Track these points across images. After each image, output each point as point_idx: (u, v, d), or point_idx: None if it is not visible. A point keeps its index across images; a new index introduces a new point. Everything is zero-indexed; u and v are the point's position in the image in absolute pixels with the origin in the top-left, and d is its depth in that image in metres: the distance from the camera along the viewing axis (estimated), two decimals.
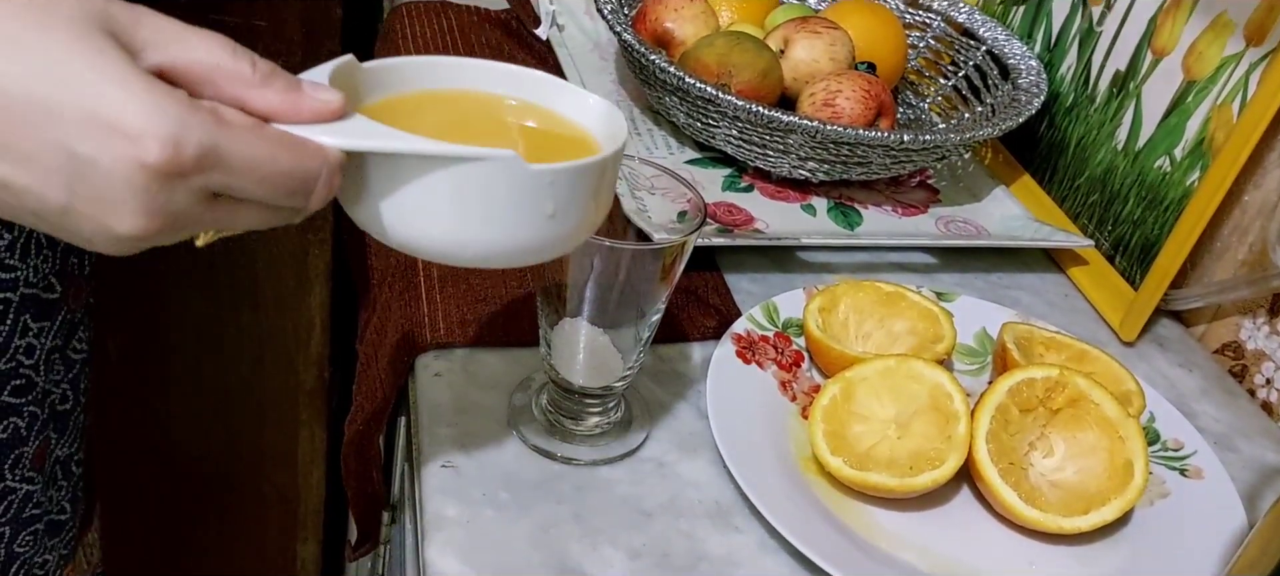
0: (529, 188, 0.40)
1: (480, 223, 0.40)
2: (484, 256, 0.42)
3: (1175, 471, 0.62)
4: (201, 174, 0.35)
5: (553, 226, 0.42)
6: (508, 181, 0.40)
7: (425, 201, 0.40)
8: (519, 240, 0.42)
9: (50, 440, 0.68)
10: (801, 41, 0.83)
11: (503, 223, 0.41)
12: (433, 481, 0.54)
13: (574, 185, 0.41)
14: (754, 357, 0.63)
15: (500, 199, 0.40)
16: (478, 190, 0.39)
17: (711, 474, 0.57)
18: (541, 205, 0.41)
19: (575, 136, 0.47)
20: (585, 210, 0.43)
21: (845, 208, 0.80)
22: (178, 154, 0.34)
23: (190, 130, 0.34)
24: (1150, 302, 0.73)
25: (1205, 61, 0.73)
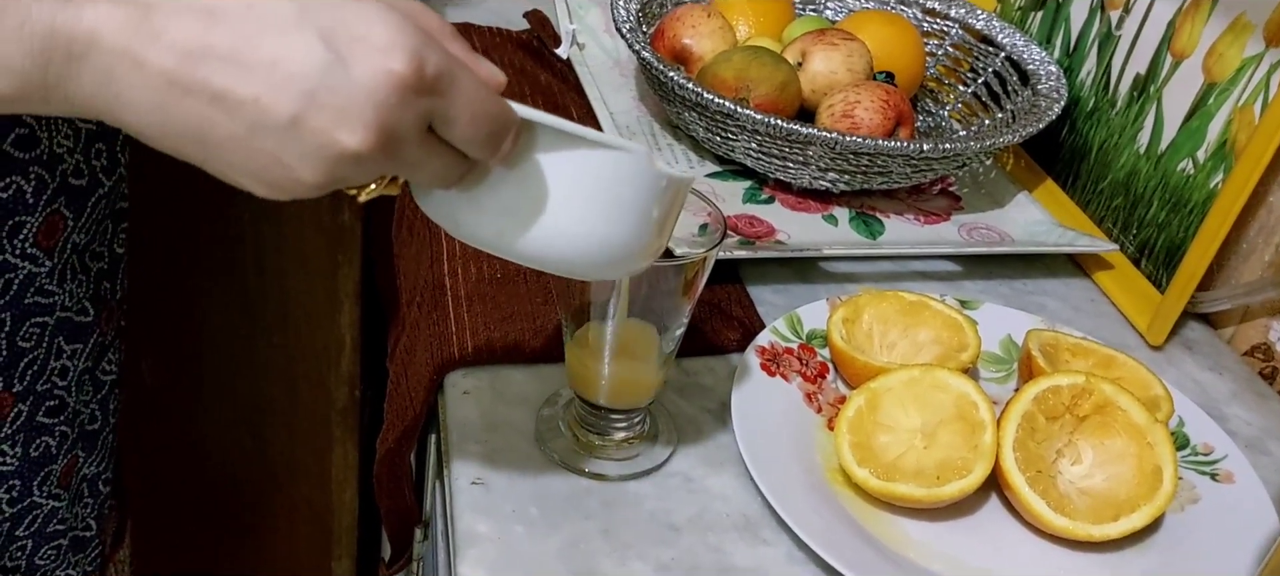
0: (651, 186, 0.43)
1: (603, 214, 0.43)
2: (597, 251, 0.44)
3: (1205, 476, 0.62)
4: (433, 96, 0.36)
5: (651, 234, 0.44)
6: (638, 176, 0.42)
7: (562, 187, 0.42)
8: (626, 238, 0.44)
9: (78, 458, 0.69)
10: (819, 54, 0.84)
11: (621, 218, 0.43)
12: (464, 498, 0.54)
13: (676, 195, 0.45)
14: (778, 370, 0.64)
15: (627, 192, 0.42)
16: (611, 180, 0.42)
17: (738, 487, 0.57)
18: (652, 207, 0.43)
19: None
20: (669, 224, 0.46)
21: (867, 217, 0.81)
22: (422, 69, 0.35)
23: (431, 50, 0.36)
24: (1177, 306, 0.73)
25: (1225, 63, 0.73)
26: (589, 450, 0.58)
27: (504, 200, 0.42)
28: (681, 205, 0.47)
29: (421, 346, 0.68)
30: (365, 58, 0.35)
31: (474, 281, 0.69)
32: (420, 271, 0.75)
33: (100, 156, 0.63)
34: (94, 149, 0.62)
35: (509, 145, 0.40)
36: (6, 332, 0.59)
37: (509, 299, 0.67)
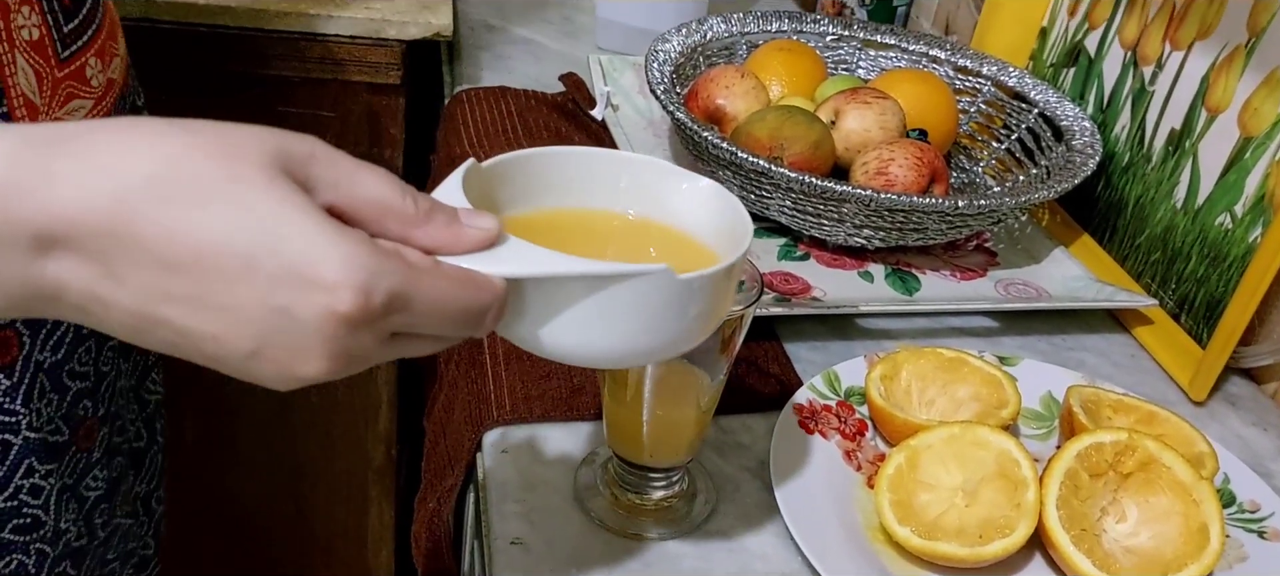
0: (680, 295, 0.42)
1: (636, 331, 0.43)
2: (638, 358, 0.46)
3: (1253, 534, 0.61)
4: (388, 318, 0.36)
5: (698, 324, 0.44)
6: (662, 292, 0.42)
7: (584, 317, 0.41)
8: (669, 341, 0.44)
9: (130, 477, 0.72)
10: (852, 112, 0.84)
11: (657, 329, 0.43)
12: (502, 559, 0.54)
13: (716, 287, 0.44)
14: (817, 427, 0.63)
15: (655, 309, 0.42)
16: (633, 303, 0.41)
17: (778, 546, 0.57)
18: (689, 308, 0.43)
19: (691, 246, 0.50)
20: (722, 303, 0.46)
21: (903, 273, 0.81)
22: (369, 302, 0.35)
23: (381, 277, 0.35)
24: (1219, 361, 0.72)
25: (1261, 117, 0.73)
26: (628, 510, 0.58)
27: (531, 321, 0.42)
28: (734, 283, 0.47)
29: (459, 405, 0.69)
30: (310, 301, 0.34)
31: None
32: None
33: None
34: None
35: (493, 319, 0.39)
36: (93, 358, 0.62)
37: None
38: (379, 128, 1.11)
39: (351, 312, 0.35)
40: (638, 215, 0.51)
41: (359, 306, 0.35)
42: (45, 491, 0.62)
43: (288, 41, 1.04)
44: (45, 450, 0.61)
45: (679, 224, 0.50)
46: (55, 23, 0.56)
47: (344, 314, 0.35)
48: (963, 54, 0.98)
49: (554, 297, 0.41)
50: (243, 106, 1.08)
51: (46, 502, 0.63)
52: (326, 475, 1.28)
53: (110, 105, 0.63)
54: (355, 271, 0.34)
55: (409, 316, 0.37)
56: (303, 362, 0.36)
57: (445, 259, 0.39)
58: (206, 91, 1.07)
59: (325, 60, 1.06)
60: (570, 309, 0.41)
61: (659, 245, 0.50)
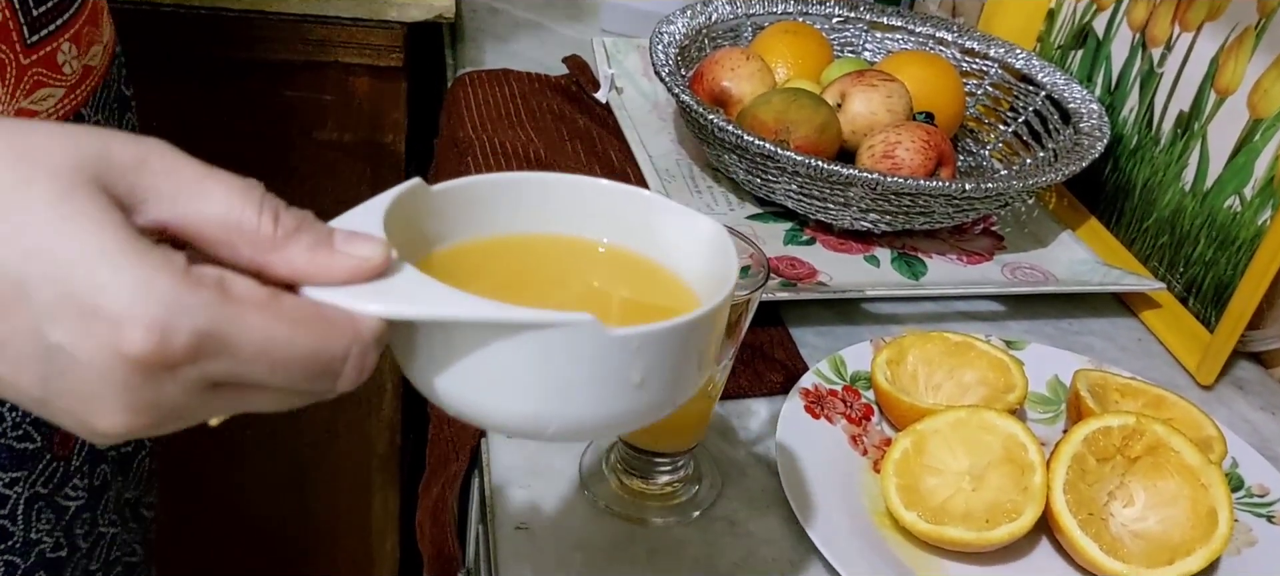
0: (610, 355, 0.34)
1: (554, 396, 0.35)
2: (562, 432, 0.36)
3: (1262, 518, 0.60)
4: (197, 364, 0.29)
5: (643, 396, 0.35)
6: (585, 349, 0.33)
7: (489, 371, 0.34)
8: (602, 414, 0.36)
9: (118, 483, 0.71)
10: (858, 95, 0.84)
11: (581, 396, 0.35)
12: (507, 545, 0.54)
13: (665, 349, 0.35)
14: (823, 412, 0.63)
15: (576, 369, 0.34)
16: (550, 359, 0.34)
17: (784, 531, 0.57)
18: (626, 374, 0.35)
19: (672, 287, 0.42)
20: (682, 373, 0.37)
21: (909, 257, 0.80)
22: (165, 343, 0.28)
23: (183, 313, 0.28)
24: (1227, 345, 0.72)
25: (1271, 99, 0.72)
26: (633, 495, 0.57)
27: (432, 372, 0.35)
28: (718, 331, 0.38)
29: None
30: (92, 339, 0.28)
31: None
32: None
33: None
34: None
35: (353, 371, 0.32)
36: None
37: None
38: (380, 111, 1.10)
39: (144, 355, 0.28)
40: (614, 245, 0.43)
41: (153, 348, 0.28)
42: (11, 499, 0.60)
43: (288, 24, 1.04)
44: (11, 456, 0.59)
45: (666, 261, 0.42)
46: (22, 5, 0.53)
47: (134, 356, 0.28)
48: (970, 36, 0.97)
49: (454, 346, 0.34)
50: (242, 91, 1.07)
51: (13, 511, 0.60)
52: (330, 462, 1.28)
53: (87, 94, 0.61)
54: (149, 305, 0.28)
55: (230, 363, 0.30)
56: (97, 414, 0.29)
57: (313, 292, 0.32)
58: (205, 76, 1.06)
59: (326, 43, 1.05)
60: (475, 362, 0.34)
61: (634, 283, 0.43)
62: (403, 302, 0.33)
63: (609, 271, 0.42)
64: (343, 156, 1.12)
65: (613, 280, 0.43)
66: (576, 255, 0.42)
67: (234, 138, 1.10)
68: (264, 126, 1.10)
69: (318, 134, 1.10)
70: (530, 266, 0.42)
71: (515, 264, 0.41)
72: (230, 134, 1.10)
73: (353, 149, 1.11)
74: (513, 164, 0.88)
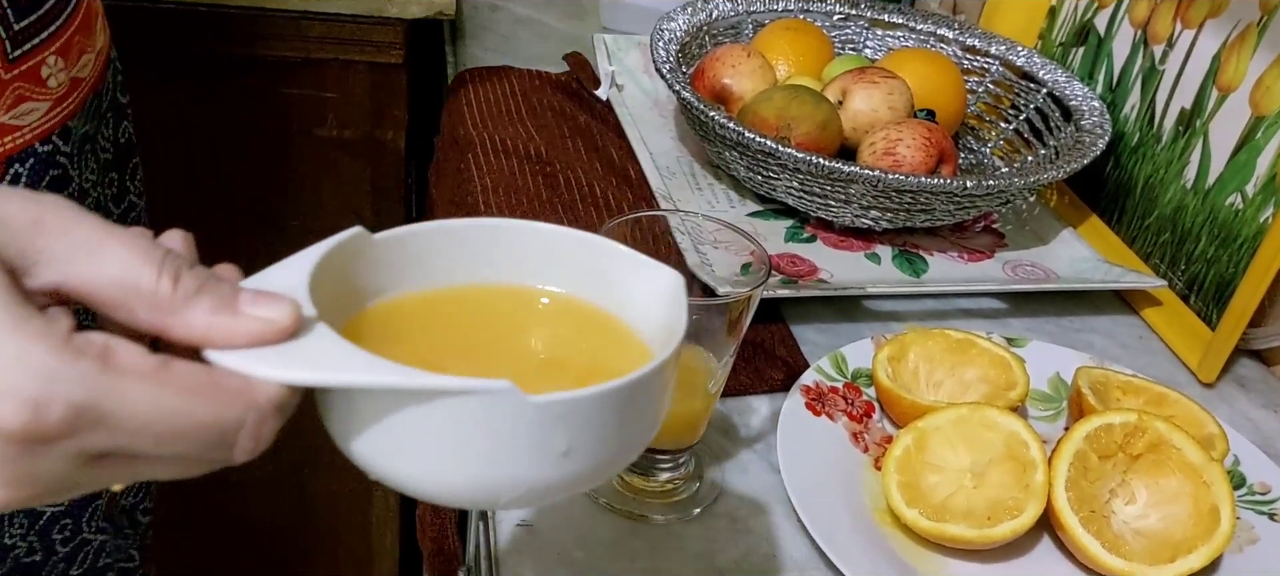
0: (531, 424, 0.32)
1: (471, 466, 0.33)
2: (483, 503, 0.35)
3: (1263, 516, 0.60)
4: (74, 437, 0.28)
5: (571, 464, 0.33)
6: (502, 417, 0.32)
7: (401, 439, 0.33)
8: (524, 484, 0.33)
9: (115, 490, 0.70)
10: (859, 92, 0.83)
11: (500, 465, 0.33)
12: (508, 541, 0.54)
13: (593, 416, 0.33)
14: (824, 409, 0.63)
15: (493, 438, 0.32)
16: (464, 428, 0.32)
17: (785, 528, 0.57)
18: (551, 443, 0.33)
19: (624, 341, 0.40)
20: (618, 437, 0.35)
21: (910, 255, 0.80)
22: (39, 418, 0.27)
23: (58, 386, 0.28)
24: (1229, 342, 0.72)
25: (1273, 97, 0.72)
26: (634, 492, 0.57)
27: (351, 438, 0.34)
28: (658, 393, 0.36)
29: None
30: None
31: None
32: None
33: (112, 186, 0.64)
34: (107, 178, 0.63)
35: (248, 441, 0.31)
36: None
37: None
38: (381, 108, 1.10)
39: (17, 430, 0.27)
40: (565, 294, 0.40)
41: (24, 422, 0.27)
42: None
43: (288, 20, 1.04)
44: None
45: (622, 313, 0.40)
46: (3, 19, 0.52)
47: (7, 431, 0.27)
48: (971, 33, 0.97)
49: (365, 412, 0.33)
50: (242, 88, 1.07)
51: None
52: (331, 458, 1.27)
53: (76, 105, 0.59)
54: (23, 378, 0.27)
55: (110, 435, 0.29)
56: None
57: (214, 355, 0.31)
58: (205, 74, 1.06)
59: (326, 39, 1.05)
60: (386, 429, 0.32)
61: (581, 338, 0.40)
62: (302, 368, 0.31)
63: (555, 325, 0.40)
64: (343, 153, 1.12)
65: (558, 334, 0.40)
66: (520, 307, 0.40)
67: (234, 135, 1.10)
68: (264, 123, 1.09)
69: (318, 131, 1.10)
70: (469, 321, 0.40)
71: (453, 318, 0.39)
72: (230, 131, 1.10)
73: (353, 146, 1.11)
74: (513, 161, 0.87)
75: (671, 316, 0.37)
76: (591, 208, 0.82)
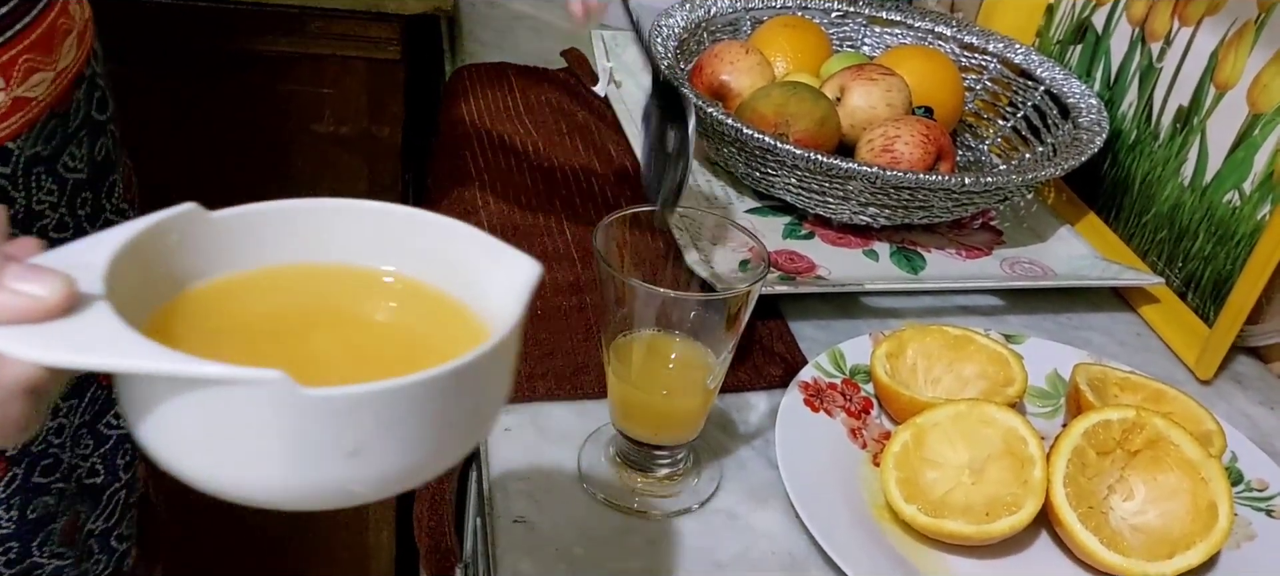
0: (311, 419, 0.29)
1: (246, 460, 0.31)
2: (270, 500, 0.32)
3: (1261, 512, 0.60)
4: None
5: (364, 466, 0.31)
6: (274, 410, 0.29)
7: (180, 429, 0.31)
8: (307, 484, 0.31)
9: (80, 514, 0.68)
10: (858, 89, 0.83)
11: (276, 461, 0.30)
12: (506, 537, 0.54)
13: (386, 415, 0.30)
14: (822, 405, 0.63)
15: (266, 432, 0.30)
16: (234, 419, 0.30)
17: (784, 523, 0.57)
18: (334, 440, 0.30)
19: (469, 332, 0.36)
20: (421, 442, 0.32)
21: (908, 252, 0.80)
22: None
23: None
24: (1226, 340, 0.72)
25: (1271, 94, 0.72)
26: (632, 487, 0.57)
27: (137, 426, 0.32)
28: (479, 389, 0.33)
29: None
30: None
31: None
32: None
33: (85, 205, 0.63)
34: (79, 198, 0.62)
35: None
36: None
37: (550, 335, 0.67)
38: (379, 104, 1.10)
39: None
40: (414, 278, 0.38)
41: None
42: None
43: (286, 16, 1.03)
44: None
45: (475, 304, 0.37)
46: None
47: None
48: (969, 31, 0.97)
49: (148, 399, 0.31)
50: (240, 83, 1.07)
51: None
52: None
53: (22, 126, 0.57)
54: None
55: None
56: None
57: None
58: (203, 70, 1.06)
59: (323, 36, 1.05)
60: (163, 416, 0.31)
61: (422, 325, 0.38)
62: (51, 348, 0.29)
63: (395, 312, 0.38)
64: (340, 149, 1.11)
65: (396, 322, 0.38)
66: (356, 290, 0.38)
67: (231, 130, 1.10)
68: (261, 118, 1.09)
69: (315, 126, 1.10)
70: (299, 302, 0.37)
71: (282, 300, 0.37)
72: (228, 126, 1.09)
73: (350, 141, 1.11)
74: (511, 157, 0.87)
75: (514, 309, 0.34)
76: (589, 204, 0.82)
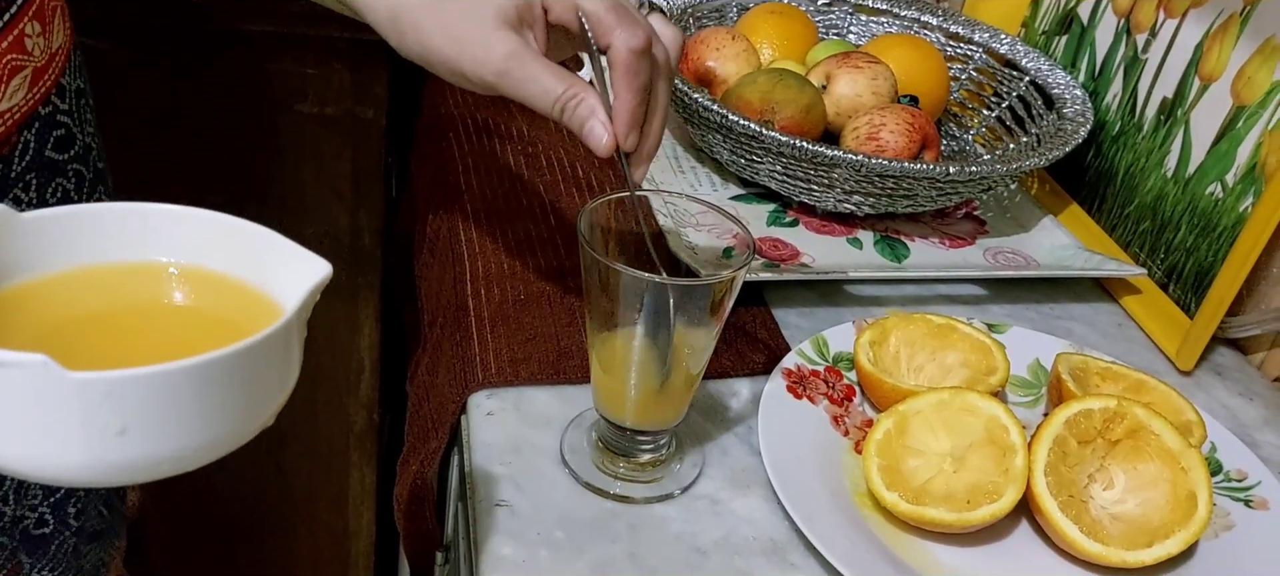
0: (73, 401, 0.32)
1: (21, 441, 0.33)
2: (53, 477, 0.34)
3: (1239, 502, 0.61)
4: None
5: (134, 446, 0.33)
6: (41, 393, 0.31)
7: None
8: (80, 464, 0.33)
9: (21, 564, 0.66)
10: (843, 77, 0.83)
11: (47, 442, 0.32)
12: (488, 521, 0.54)
13: (154, 396, 0.33)
14: (805, 392, 0.63)
15: (36, 414, 0.32)
16: (14, 403, 0.32)
17: (765, 510, 0.57)
18: (103, 421, 0.32)
19: (261, 313, 0.39)
20: (192, 423, 0.34)
21: (892, 241, 0.80)
22: None
23: None
24: (1207, 331, 0.72)
25: (1255, 86, 0.72)
26: (615, 472, 0.57)
27: None
28: (257, 371, 0.35)
29: (444, 368, 0.68)
30: None
31: (498, 303, 0.69)
32: (443, 293, 0.74)
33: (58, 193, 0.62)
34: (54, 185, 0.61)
35: None
36: None
37: (533, 320, 0.67)
38: (363, 86, 1.09)
39: None
40: (216, 271, 0.40)
41: None
42: None
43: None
44: None
45: (273, 291, 0.39)
46: None
47: None
48: (954, 20, 0.97)
49: None
50: (224, 64, 1.06)
51: None
52: (308, 438, 1.27)
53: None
54: None
55: None
56: None
57: None
58: (186, 50, 1.05)
59: (307, 16, 1.04)
60: None
61: (230, 307, 0.40)
62: None
63: (180, 290, 0.40)
64: (323, 130, 1.11)
65: (196, 314, 0.40)
66: (152, 286, 0.40)
67: (215, 110, 1.09)
68: (245, 99, 1.08)
69: (299, 107, 1.09)
70: (93, 300, 0.39)
71: (86, 297, 0.39)
72: (211, 106, 1.08)
73: (334, 123, 1.10)
74: (495, 141, 0.87)
75: (294, 303, 0.36)
76: (573, 188, 0.82)
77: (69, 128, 0.59)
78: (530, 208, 0.79)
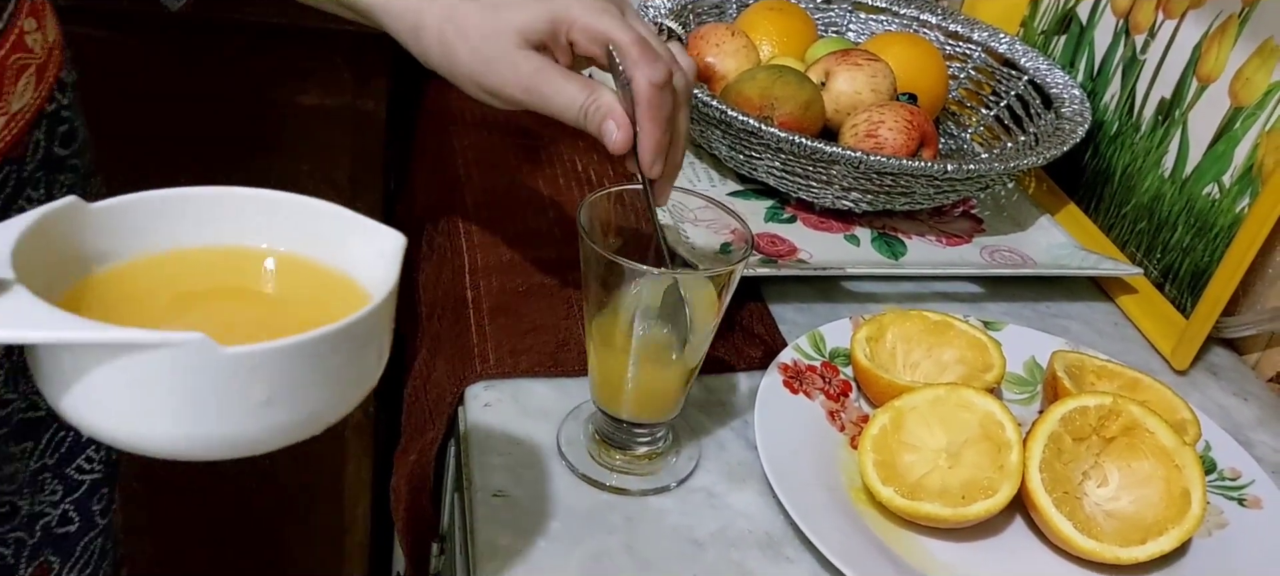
0: (226, 374, 0.34)
1: (172, 417, 0.34)
2: (192, 452, 0.36)
3: (1233, 501, 0.61)
4: None
5: (275, 413, 0.35)
6: (195, 369, 0.33)
7: (104, 394, 0.34)
8: (228, 434, 0.35)
9: (50, 564, 0.66)
10: (843, 73, 0.84)
11: (200, 416, 0.34)
12: (484, 511, 0.54)
13: (294, 365, 0.35)
14: (801, 387, 0.63)
15: (189, 389, 0.34)
16: (160, 381, 0.33)
17: (761, 504, 0.57)
18: (250, 392, 0.34)
19: (350, 296, 0.41)
20: (322, 388, 0.36)
21: (889, 238, 0.80)
22: None
23: None
24: (1202, 331, 0.73)
25: (1252, 88, 0.73)
26: (611, 464, 0.57)
27: (56, 393, 0.35)
28: (366, 341, 0.38)
29: (442, 359, 0.68)
30: None
31: (496, 294, 0.69)
32: (441, 285, 0.75)
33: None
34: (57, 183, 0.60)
35: None
36: None
37: (531, 312, 0.67)
38: (364, 77, 1.09)
39: None
40: (292, 253, 0.42)
41: None
42: None
43: None
44: None
45: (351, 272, 0.42)
46: None
47: None
48: (954, 19, 0.97)
49: (70, 370, 0.34)
50: (225, 55, 1.06)
51: None
52: None
53: None
54: None
55: None
56: None
57: None
58: (185, 40, 1.05)
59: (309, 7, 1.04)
60: (93, 385, 0.34)
61: (310, 290, 0.42)
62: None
63: (280, 283, 0.42)
64: (325, 122, 1.11)
65: (283, 291, 0.42)
66: (243, 267, 0.42)
67: (216, 102, 1.09)
68: (246, 91, 1.08)
69: (300, 99, 1.09)
70: (192, 281, 0.41)
71: (178, 278, 0.41)
72: (212, 98, 1.08)
73: (335, 114, 1.10)
74: (496, 134, 0.87)
75: (390, 273, 0.39)
76: (574, 182, 0.82)
77: (71, 122, 0.59)
78: (530, 200, 0.79)
